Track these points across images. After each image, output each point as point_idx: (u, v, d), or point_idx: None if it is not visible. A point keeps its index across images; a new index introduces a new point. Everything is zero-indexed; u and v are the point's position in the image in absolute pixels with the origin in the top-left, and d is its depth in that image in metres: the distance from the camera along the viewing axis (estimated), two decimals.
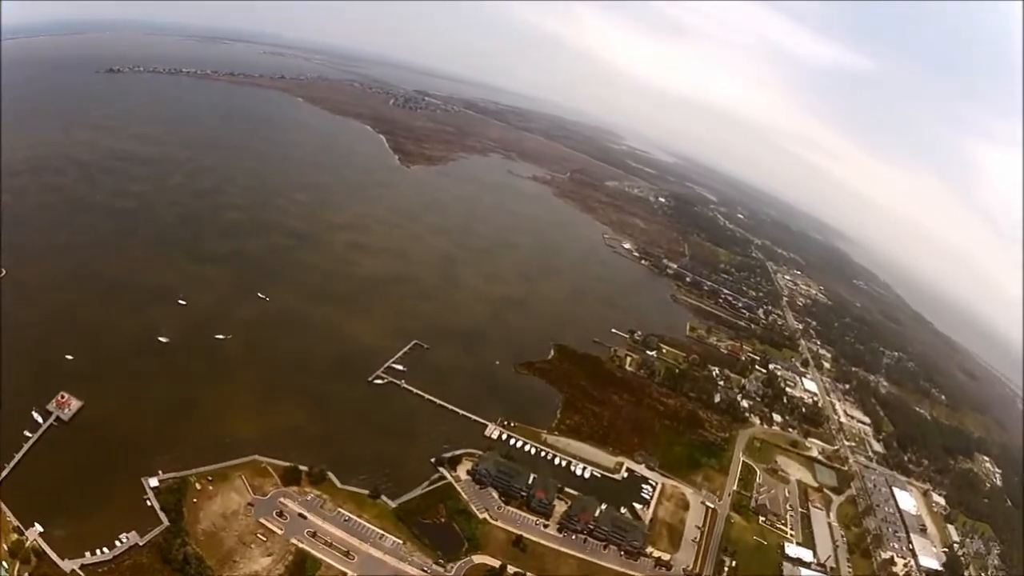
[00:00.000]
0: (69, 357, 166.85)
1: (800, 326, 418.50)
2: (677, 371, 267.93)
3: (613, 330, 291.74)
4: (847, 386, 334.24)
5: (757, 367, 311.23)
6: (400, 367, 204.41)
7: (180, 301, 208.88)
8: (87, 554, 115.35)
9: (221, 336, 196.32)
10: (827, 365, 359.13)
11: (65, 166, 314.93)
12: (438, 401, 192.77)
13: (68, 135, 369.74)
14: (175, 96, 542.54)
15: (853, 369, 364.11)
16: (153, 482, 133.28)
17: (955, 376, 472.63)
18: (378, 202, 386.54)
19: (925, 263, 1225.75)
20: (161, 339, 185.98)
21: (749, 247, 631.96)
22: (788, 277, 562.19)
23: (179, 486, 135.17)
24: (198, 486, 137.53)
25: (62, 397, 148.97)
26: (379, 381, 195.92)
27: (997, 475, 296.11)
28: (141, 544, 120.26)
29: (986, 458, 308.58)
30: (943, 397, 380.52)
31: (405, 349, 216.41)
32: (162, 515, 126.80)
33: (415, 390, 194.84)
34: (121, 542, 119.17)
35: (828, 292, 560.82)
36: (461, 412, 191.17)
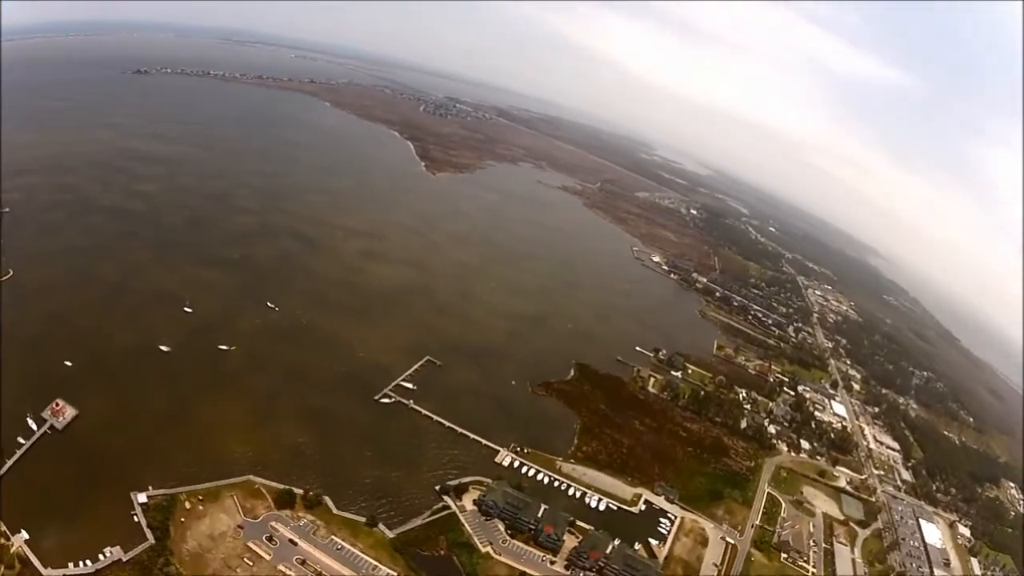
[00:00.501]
0: (68, 363, 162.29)
1: (830, 344, 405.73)
2: (702, 394, 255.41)
3: (637, 348, 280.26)
4: (876, 409, 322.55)
5: (785, 389, 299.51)
6: (410, 385, 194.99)
7: (186, 308, 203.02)
8: (70, 565, 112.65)
9: (224, 347, 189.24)
10: (857, 387, 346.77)
11: (78, 165, 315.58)
12: (447, 423, 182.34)
13: (86, 134, 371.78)
14: (199, 97, 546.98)
15: (883, 391, 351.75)
16: (142, 498, 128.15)
17: (982, 396, 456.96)
18: (399, 209, 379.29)
19: (954, 279, 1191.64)
20: (162, 348, 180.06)
21: (780, 261, 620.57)
22: (819, 293, 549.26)
23: (168, 503, 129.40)
24: (187, 504, 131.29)
25: (57, 404, 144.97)
26: (386, 400, 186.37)
27: (1021, 502, 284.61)
28: (124, 560, 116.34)
29: (1012, 484, 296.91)
30: (971, 419, 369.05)
31: (416, 366, 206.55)
32: (148, 532, 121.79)
33: (424, 411, 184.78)
34: (105, 556, 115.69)
35: (859, 308, 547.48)
36: (472, 436, 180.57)
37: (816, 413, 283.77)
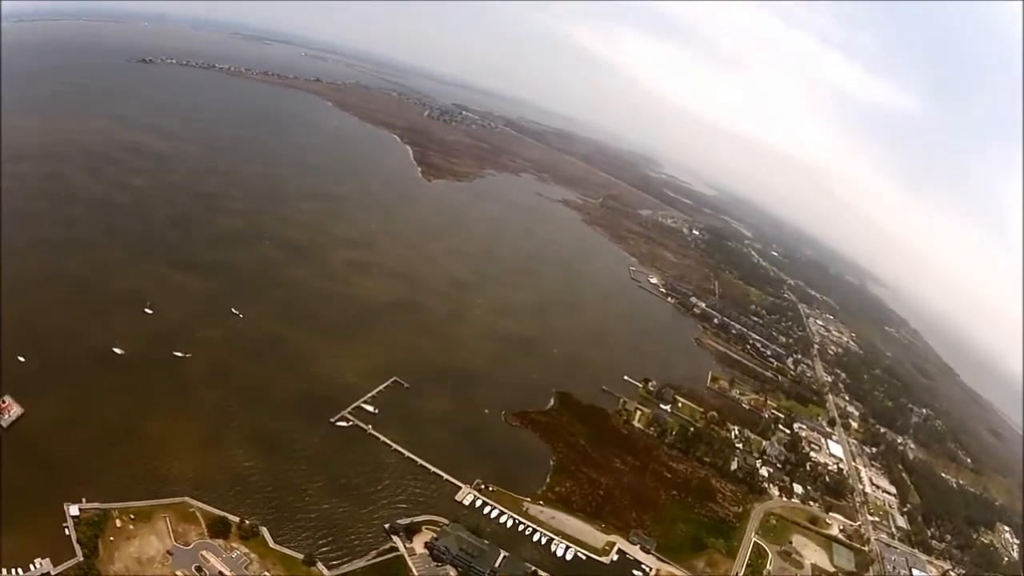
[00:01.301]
0: (21, 359, 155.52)
1: (829, 379, 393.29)
2: (691, 431, 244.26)
3: (626, 377, 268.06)
4: (875, 450, 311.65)
5: (781, 427, 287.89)
6: (371, 408, 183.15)
7: (147, 310, 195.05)
8: (4, 571, 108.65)
9: (180, 354, 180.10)
10: (855, 424, 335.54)
11: (70, 154, 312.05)
12: (407, 453, 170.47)
13: (85, 122, 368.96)
14: (201, 90, 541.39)
15: (881, 430, 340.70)
16: (74, 510, 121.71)
17: (981, 436, 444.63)
18: (392, 217, 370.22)
19: (955, 310, 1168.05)
20: (116, 350, 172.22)
21: (782, 288, 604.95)
22: (820, 322, 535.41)
23: (100, 519, 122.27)
24: (118, 523, 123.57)
25: (3, 402, 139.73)
26: (343, 424, 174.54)
27: (1015, 546, 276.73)
28: (53, 574, 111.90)
29: (1007, 528, 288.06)
30: (969, 460, 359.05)
31: (380, 388, 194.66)
32: (78, 548, 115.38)
33: (383, 438, 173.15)
34: (35, 567, 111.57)
35: (860, 340, 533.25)
36: (432, 469, 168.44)
37: (812, 453, 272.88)
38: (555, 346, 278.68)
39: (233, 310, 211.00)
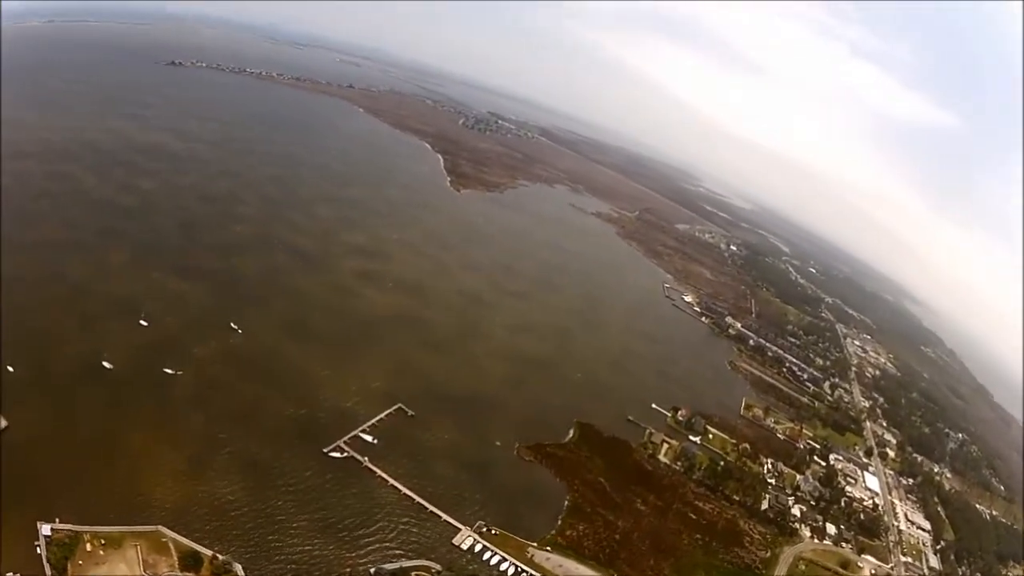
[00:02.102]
0: (10, 369, 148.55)
1: (867, 404, 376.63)
2: (721, 465, 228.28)
3: (654, 406, 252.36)
4: (911, 481, 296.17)
5: (816, 458, 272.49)
6: (370, 438, 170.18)
7: (141, 321, 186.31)
8: None
9: (170, 371, 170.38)
10: (891, 454, 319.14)
11: (82, 153, 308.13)
12: (404, 490, 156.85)
13: (101, 121, 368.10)
14: (227, 94, 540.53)
15: (918, 459, 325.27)
16: (46, 529, 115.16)
17: (1013, 461, 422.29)
18: (412, 226, 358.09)
19: (988, 328, 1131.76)
20: (105, 364, 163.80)
21: (819, 306, 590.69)
22: (858, 343, 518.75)
23: (71, 541, 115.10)
24: (89, 547, 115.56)
25: None
26: (337, 455, 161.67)
27: None
28: None
29: None
30: (1001, 488, 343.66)
31: (382, 416, 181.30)
32: (48, 568, 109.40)
33: (379, 471, 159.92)
34: None
35: (897, 361, 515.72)
36: (431, 508, 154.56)
37: (847, 487, 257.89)
38: (578, 370, 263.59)
39: (232, 324, 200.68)
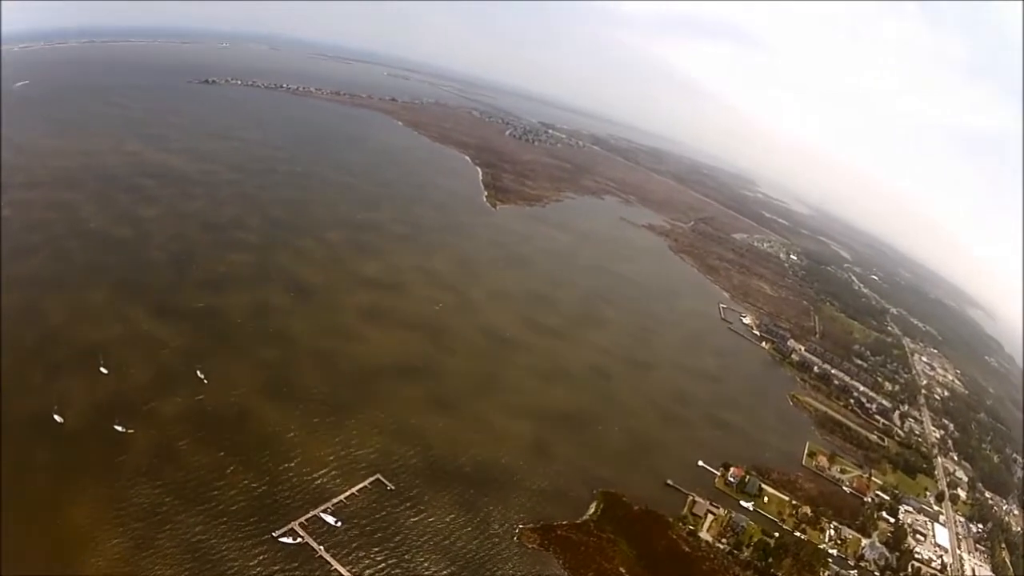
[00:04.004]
0: None
1: (938, 433, 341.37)
2: (775, 538, 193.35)
3: (701, 463, 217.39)
4: (980, 528, 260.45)
5: (884, 515, 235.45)
6: (332, 519, 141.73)
7: (102, 369, 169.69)
8: None
9: (121, 428, 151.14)
10: (963, 495, 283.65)
11: (91, 180, 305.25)
12: None
13: (118, 144, 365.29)
14: (257, 111, 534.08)
15: (988, 497, 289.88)
16: None
17: None
18: (436, 250, 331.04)
19: None
20: (56, 418, 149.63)
21: (885, 318, 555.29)
22: (925, 359, 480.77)
23: None
24: None
25: None
26: (288, 540, 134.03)
27: None
28: None
29: None
30: None
31: (354, 490, 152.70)
32: None
33: (336, 564, 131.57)
34: None
35: (964, 377, 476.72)
36: None
37: (916, 547, 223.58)
38: (618, 423, 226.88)
39: (199, 373, 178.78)
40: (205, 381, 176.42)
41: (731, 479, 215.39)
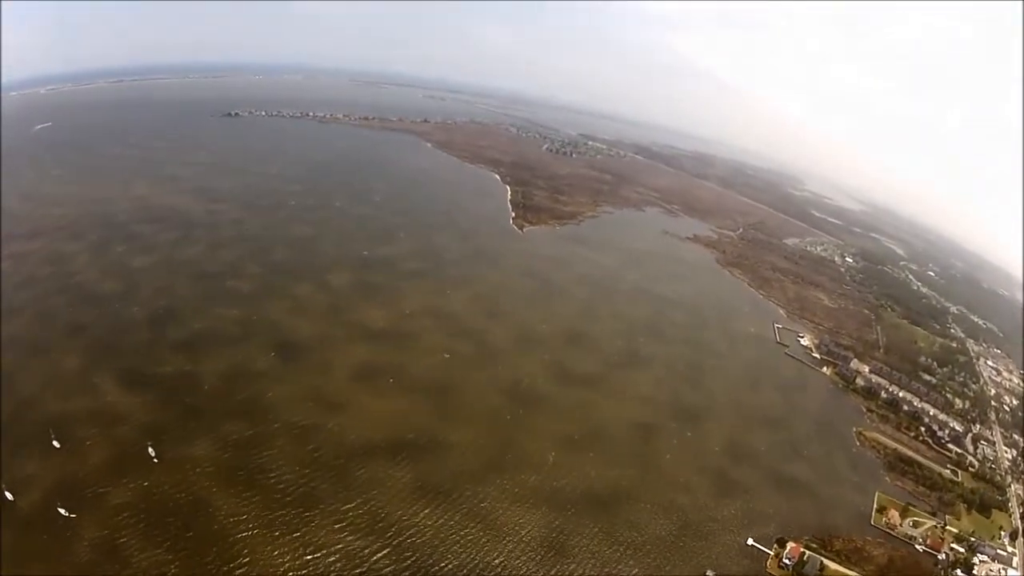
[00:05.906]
0: None
1: (1009, 456, 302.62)
2: None
3: (751, 542, 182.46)
4: None
5: (958, 573, 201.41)
6: None
7: (54, 443, 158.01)
8: None
9: (64, 512, 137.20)
10: None
11: (91, 228, 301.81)
12: None
13: (127, 188, 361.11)
14: (278, 142, 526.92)
15: None
16: None
17: None
18: (451, 288, 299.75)
19: None
20: (8, 496, 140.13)
21: (947, 319, 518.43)
22: (991, 363, 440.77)
23: None
24: None
25: None
26: None
27: None
28: None
29: None
30: None
31: None
32: None
33: None
34: None
35: None
36: None
37: None
38: (659, 500, 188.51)
39: (150, 451, 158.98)
40: (155, 461, 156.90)
41: (787, 560, 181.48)
